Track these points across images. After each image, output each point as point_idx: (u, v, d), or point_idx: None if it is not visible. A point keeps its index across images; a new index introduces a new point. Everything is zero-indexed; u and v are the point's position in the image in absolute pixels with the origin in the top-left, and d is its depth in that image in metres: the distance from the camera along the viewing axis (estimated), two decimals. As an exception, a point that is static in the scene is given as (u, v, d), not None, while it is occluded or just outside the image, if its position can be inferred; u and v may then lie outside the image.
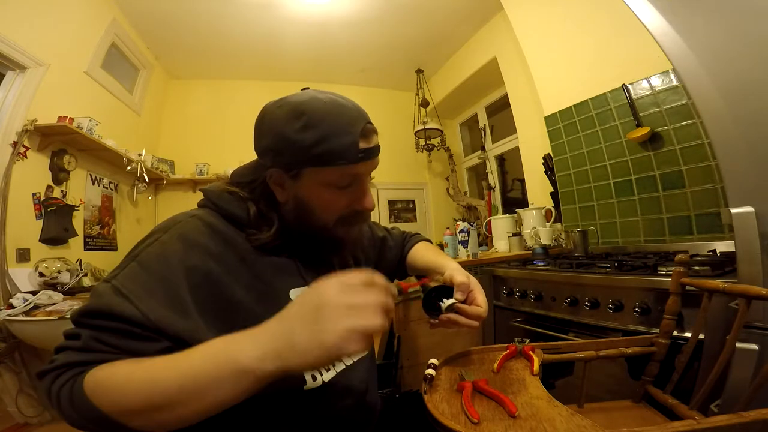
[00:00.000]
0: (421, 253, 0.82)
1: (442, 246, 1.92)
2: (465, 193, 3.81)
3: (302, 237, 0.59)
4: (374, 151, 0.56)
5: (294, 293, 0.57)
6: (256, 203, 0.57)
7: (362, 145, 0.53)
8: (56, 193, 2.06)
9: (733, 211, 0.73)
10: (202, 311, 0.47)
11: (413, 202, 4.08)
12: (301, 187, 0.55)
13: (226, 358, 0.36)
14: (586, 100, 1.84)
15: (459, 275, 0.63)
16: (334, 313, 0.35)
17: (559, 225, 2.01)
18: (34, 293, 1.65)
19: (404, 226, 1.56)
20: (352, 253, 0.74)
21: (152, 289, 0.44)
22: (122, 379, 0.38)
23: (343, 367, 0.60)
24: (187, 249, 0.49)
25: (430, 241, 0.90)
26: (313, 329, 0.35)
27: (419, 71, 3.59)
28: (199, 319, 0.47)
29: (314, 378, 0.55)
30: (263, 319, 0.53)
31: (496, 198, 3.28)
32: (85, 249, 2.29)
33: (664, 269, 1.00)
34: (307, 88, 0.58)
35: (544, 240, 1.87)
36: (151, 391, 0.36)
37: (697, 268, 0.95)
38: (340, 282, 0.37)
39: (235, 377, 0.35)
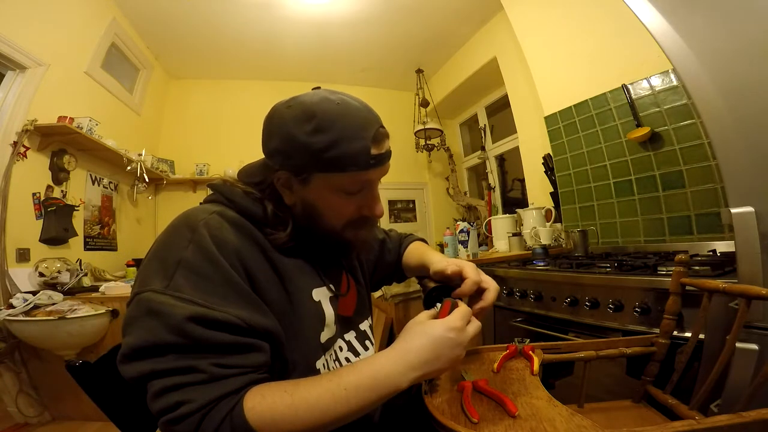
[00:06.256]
0: (412, 253, 0.81)
1: (442, 246, 1.92)
2: (465, 193, 3.81)
3: (313, 238, 0.58)
4: (386, 157, 0.53)
5: (316, 293, 0.57)
6: (270, 203, 0.55)
7: (374, 151, 0.51)
8: (56, 193, 2.06)
9: (733, 211, 0.73)
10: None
11: (413, 202, 4.08)
12: (309, 191, 0.53)
13: (385, 382, 0.44)
14: (586, 100, 1.84)
15: (443, 265, 0.63)
16: (458, 344, 0.48)
17: (559, 225, 2.01)
18: (34, 293, 1.65)
19: (404, 226, 1.56)
20: (362, 255, 0.74)
21: (223, 294, 0.43)
22: (287, 410, 0.41)
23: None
24: (222, 249, 0.46)
25: (424, 240, 0.89)
26: (450, 357, 0.47)
27: (419, 71, 3.59)
28: (270, 313, 0.48)
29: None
30: (294, 318, 0.52)
31: (496, 198, 3.28)
32: (85, 249, 2.29)
33: (664, 269, 1.00)
34: (319, 88, 0.56)
35: (544, 240, 1.87)
36: (319, 420, 0.41)
37: (697, 268, 0.95)
38: (456, 327, 0.48)
39: (389, 395, 0.44)
